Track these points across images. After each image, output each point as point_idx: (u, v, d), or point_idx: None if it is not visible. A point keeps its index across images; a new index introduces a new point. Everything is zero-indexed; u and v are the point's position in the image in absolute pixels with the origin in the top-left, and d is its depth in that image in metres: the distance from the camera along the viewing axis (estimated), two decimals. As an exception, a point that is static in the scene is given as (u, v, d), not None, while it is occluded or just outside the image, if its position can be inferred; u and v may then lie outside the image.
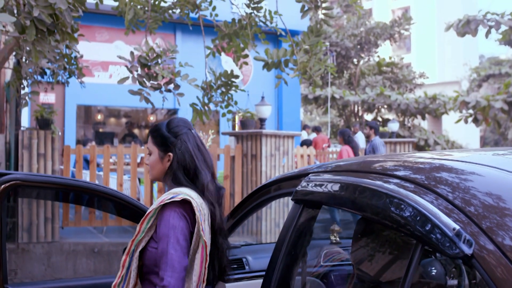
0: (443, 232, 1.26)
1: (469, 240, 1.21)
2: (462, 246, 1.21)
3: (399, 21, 25.31)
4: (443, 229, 1.26)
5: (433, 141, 22.41)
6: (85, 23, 10.67)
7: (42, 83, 6.95)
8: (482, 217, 1.24)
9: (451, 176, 1.49)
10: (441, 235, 1.26)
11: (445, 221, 1.27)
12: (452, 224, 1.26)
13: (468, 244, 1.20)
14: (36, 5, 3.30)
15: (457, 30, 17.94)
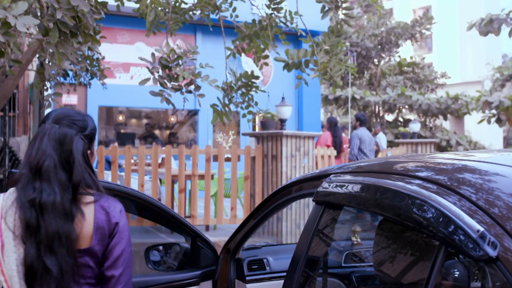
0: (467, 233, 1.25)
1: (493, 242, 1.19)
2: (486, 248, 1.19)
3: (420, 21, 25.12)
4: (467, 231, 1.25)
5: (455, 142, 22.18)
6: (107, 25, 10.77)
7: (64, 84, 7.04)
8: (507, 218, 1.22)
9: (475, 177, 1.47)
10: (464, 236, 1.25)
11: (469, 223, 1.26)
12: (476, 226, 1.24)
13: (493, 246, 1.19)
14: (59, 8, 3.34)
15: (479, 29, 17.72)
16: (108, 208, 1.95)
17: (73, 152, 1.94)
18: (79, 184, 1.92)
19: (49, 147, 1.93)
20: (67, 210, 1.87)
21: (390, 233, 1.83)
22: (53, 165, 1.90)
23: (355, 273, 2.75)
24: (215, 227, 8.50)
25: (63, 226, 1.85)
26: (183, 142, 15.50)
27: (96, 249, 1.91)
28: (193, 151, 7.81)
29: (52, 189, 1.88)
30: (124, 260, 1.94)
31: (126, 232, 1.98)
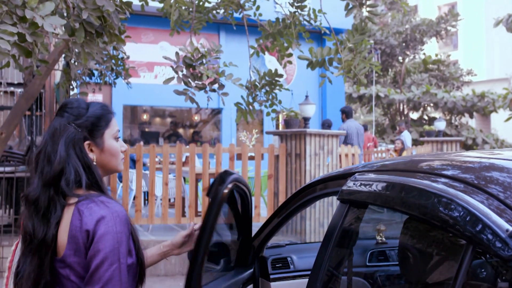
0: (495, 233, 1.23)
1: (522, 241, 1.18)
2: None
3: (445, 18, 24.82)
4: (495, 230, 1.23)
5: (482, 140, 21.88)
6: (131, 25, 10.86)
7: (90, 84, 7.11)
8: (536, 217, 1.20)
9: (502, 175, 1.45)
10: (493, 236, 1.23)
11: (497, 222, 1.24)
12: (505, 225, 1.22)
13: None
14: (85, 8, 3.38)
15: (506, 26, 17.44)
16: (83, 212, 1.65)
17: (57, 141, 1.72)
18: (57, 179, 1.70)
19: (43, 139, 1.75)
20: (42, 210, 1.69)
21: (415, 232, 1.82)
22: (41, 158, 1.73)
23: (379, 272, 2.73)
24: (239, 226, 8.52)
25: (36, 227, 1.68)
26: (206, 140, 15.56)
27: (70, 260, 1.65)
28: (217, 150, 7.84)
29: (33, 183, 1.72)
30: (101, 277, 1.60)
31: (106, 243, 1.62)
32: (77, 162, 1.72)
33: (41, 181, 1.70)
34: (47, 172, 1.70)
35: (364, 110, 29.18)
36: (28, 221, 1.69)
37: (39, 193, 1.69)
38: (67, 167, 1.69)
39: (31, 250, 1.68)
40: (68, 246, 1.64)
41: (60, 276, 1.67)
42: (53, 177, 1.69)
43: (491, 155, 1.74)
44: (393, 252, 2.81)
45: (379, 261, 2.79)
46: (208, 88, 5.12)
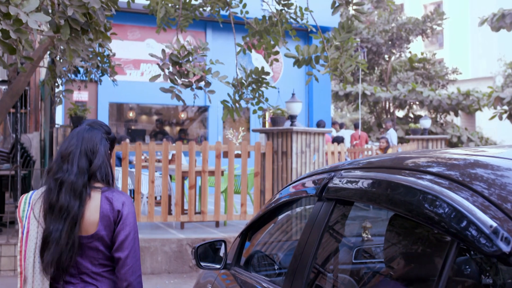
0: (479, 229, 1.24)
1: (507, 237, 1.18)
2: (499, 244, 1.18)
3: (431, 16, 24.97)
4: (479, 226, 1.24)
5: (467, 138, 22.06)
6: (117, 22, 10.81)
7: (75, 81, 7.07)
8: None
9: (487, 172, 1.46)
10: (477, 232, 1.24)
11: (482, 218, 1.25)
12: (489, 221, 1.23)
13: (506, 241, 1.18)
14: (70, 5, 3.35)
15: (491, 25, 17.58)
16: (112, 199, 2.30)
17: (97, 145, 2.37)
18: (95, 171, 2.33)
19: (78, 140, 2.36)
20: (78, 190, 2.26)
21: (401, 229, 1.83)
22: (78, 152, 2.32)
23: (366, 270, 2.74)
24: (225, 223, 8.52)
25: (71, 202, 2.25)
26: (193, 138, 15.53)
27: (102, 233, 2.27)
28: (203, 148, 7.82)
29: (71, 171, 2.29)
30: (129, 244, 2.27)
31: (130, 220, 2.30)
32: (106, 161, 2.38)
33: (77, 168, 2.29)
34: (86, 166, 2.31)
35: (351, 108, 29.29)
36: (64, 196, 2.25)
37: (75, 177, 2.27)
38: (102, 165, 2.35)
39: (63, 221, 2.23)
40: (100, 223, 2.26)
41: (85, 249, 2.27)
42: (92, 170, 2.32)
43: (476, 152, 1.75)
44: (379, 249, 2.82)
45: (365, 258, 2.80)
46: (195, 86, 5.11)
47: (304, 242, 2.09)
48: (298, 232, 2.67)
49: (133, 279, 2.28)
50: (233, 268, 2.85)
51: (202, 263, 2.83)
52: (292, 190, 2.57)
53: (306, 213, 2.67)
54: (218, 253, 2.88)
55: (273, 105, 6.98)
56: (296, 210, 2.94)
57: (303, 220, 2.64)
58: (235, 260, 2.89)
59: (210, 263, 2.87)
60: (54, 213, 2.25)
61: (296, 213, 2.97)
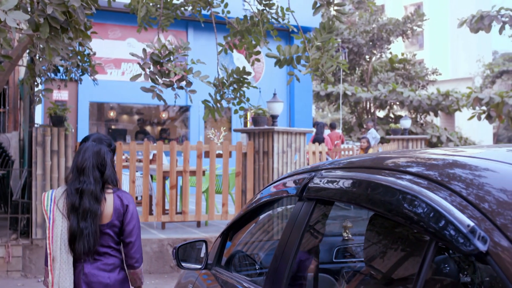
0: (457, 228, 1.25)
1: (484, 236, 1.20)
2: (476, 243, 1.20)
3: (411, 18, 25.19)
4: (457, 226, 1.25)
5: (446, 138, 22.29)
6: (98, 20, 10.72)
7: (55, 80, 7.00)
8: (497, 213, 1.23)
9: (465, 172, 1.48)
10: (455, 231, 1.26)
11: (460, 218, 1.27)
12: (466, 221, 1.25)
13: (483, 241, 1.19)
14: (50, 3, 3.32)
15: (470, 26, 17.77)
16: (121, 197, 3.18)
17: (105, 159, 3.17)
18: (107, 180, 3.16)
19: (89, 155, 3.14)
20: (97, 195, 3.08)
21: (381, 228, 1.84)
22: (91, 166, 3.12)
23: (346, 269, 2.76)
24: (207, 223, 8.50)
25: (93, 205, 3.06)
26: (174, 138, 15.47)
27: (115, 222, 3.15)
28: (184, 147, 7.80)
29: (90, 181, 3.09)
30: (135, 232, 3.19)
31: (135, 213, 3.20)
32: (112, 170, 3.22)
33: (95, 179, 3.10)
34: (99, 176, 3.12)
35: (332, 108, 29.41)
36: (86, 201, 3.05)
37: (94, 187, 3.08)
38: (111, 174, 3.19)
39: (90, 220, 3.06)
40: (113, 215, 3.13)
41: (103, 234, 3.12)
42: (106, 179, 3.15)
43: (455, 152, 1.77)
44: (359, 248, 2.84)
45: (346, 257, 2.81)
46: (176, 85, 5.09)
47: (285, 242, 2.10)
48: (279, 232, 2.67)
49: (138, 256, 3.22)
50: (214, 268, 2.85)
51: (183, 264, 2.82)
52: (273, 190, 2.58)
53: (287, 213, 2.68)
54: (199, 253, 2.87)
55: (255, 105, 6.98)
56: (277, 210, 2.94)
57: (284, 220, 2.65)
58: (216, 260, 2.89)
59: (191, 263, 2.86)
60: (79, 214, 3.06)
61: (277, 213, 2.98)
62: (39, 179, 6.96)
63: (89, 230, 3.05)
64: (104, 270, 3.15)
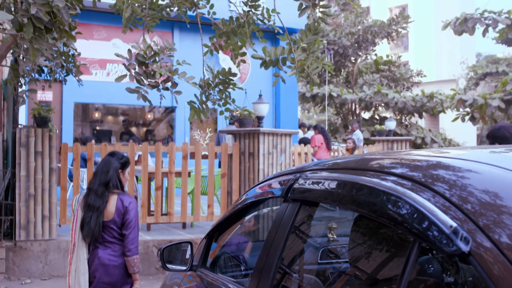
0: (440, 229, 1.26)
1: (466, 237, 1.21)
2: (459, 244, 1.21)
3: (396, 20, 25.34)
4: (440, 227, 1.27)
5: (430, 139, 22.45)
6: (83, 21, 10.66)
7: (39, 81, 6.94)
8: (479, 214, 1.24)
9: (448, 173, 1.49)
10: (438, 232, 1.27)
11: (442, 219, 1.28)
12: (449, 222, 1.26)
13: (465, 241, 1.21)
14: (34, 3, 3.29)
15: (454, 29, 17.93)
16: (123, 199, 4.16)
17: (110, 167, 4.21)
18: (109, 183, 4.16)
19: (101, 165, 4.26)
20: (102, 195, 4.12)
21: (366, 229, 1.85)
22: (100, 173, 4.20)
23: (331, 270, 2.77)
24: (192, 225, 8.48)
25: (96, 201, 4.10)
26: (160, 139, 15.42)
27: (116, 219, 4.13)
28: (170, 149, 7.78)
29: (96, 183, 4.16)
30: (130, 226, 4.12)
31: (133, 212, 4.15)
32: (116, 177, 4.20)
33: (100, 182, 4.14)
34: (104, 179, 4.14)
35: (317, 110, 29.50)
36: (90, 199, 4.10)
37: (98, 188, 4.12)
38: (112, 179, 4.17)
39: (93, 212, 4.07)
40: (115, 213, 4.11)
41: (106, 228, 4.11)
42: (106, 182, 4.15)
43: (438, 153, 1.78)
44: (344, 249, 2.85)
45: (331, 258, 2.82)
46: (161, 86, 5.07)
47: (270, 243, 2.10)
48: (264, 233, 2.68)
49: (132, 247, 4.10)
50: (200, 270, 2.84)
51: (168, 265, 2.82)
52: (259, 191, 2.58)
53: (272, 214, 2.68)
54: (184, 254, 2.87)
55: (240, 106, 6.98)
56: (262, 211, 2.95)
57: (269, 221, 2.65)
58: (202, 261, 2.88)
59: (177, 265, 2.85)
60: (88, 208, 4.10)
61: (262, 214, 2.98)
62: (22, 181, 6.90)
63: (91, 219, 4.05)
64: (113, 255, 4.14)
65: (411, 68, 28.60)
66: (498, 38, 20.19)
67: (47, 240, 7.04)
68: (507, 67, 30.22)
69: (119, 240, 4.14)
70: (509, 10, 17.61)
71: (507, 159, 1.61)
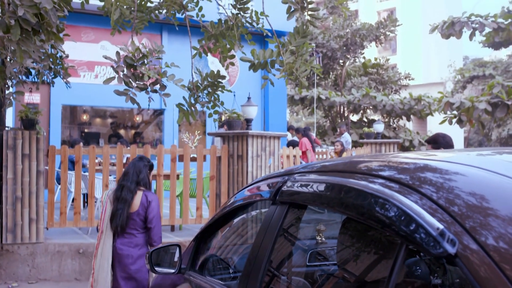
0: (427, 231, 1.27)
1: (452, 239, 1.22)
2: (445, 246, 1.22)
3: (384, 23, 25.46)
4: (427, 229, 1.28)
5: (418, 142, 22.57)
6: (71, 23, 10.60)
7: (27, 83, 6.90)
8: (466, 216, 1.25)
9: (435, 176, 1.50)
10: (425, 234, 1.28)
11: (429, 221, 1.29)
12: (436, 224, 1.27)
13: (452, 243, 1.22)
14: (21, 5, 3.28)
15: (441, 32, 18.05)
16: (147, 195, 4.88)
17: (141, 169, 4.95)
18: (140, 182, 4.90)
19: (131, 166, 4.97)
20: (131, 190, 4.82)
21: (354, 231, 1.85)
22: (132, 172, 4.91)
23: (319, 272, 2.77)
24: (181, 227, 8.46)
25: (127, 195, 4.78)
26: (148, 141, 15.37)
27: (140, 212, 4.81)
28: (158, 151, 7.76)
29: (129, 181, 4.86)
30: (155, 220, 4.83)
31: (156, 208, 4.86)
32: (145, 177, 4.97)
33: (131, 181, 4.86)
34: (136, 179, 4.88)
35: (306, 112, 29.56)
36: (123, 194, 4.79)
37: (131, 185, 4.84)
38: (144, 179, 4.95)
39: (124, 204, 4.76)
40: (140, 206, 4.82)
41: (132, 219, 4.80)
42: (138, 181, 4.90)
43: (426, 156, 1.79)
44: (332, 251, 2.85)
45: (319, 260, 2.83)
46: (150, 89, 5.06)
47: (258, 246, 2.10)
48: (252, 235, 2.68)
49: (156, 238, 4.85)
50: (188, 273, 2.84)
51: (156, 268, 2.81)
52: (247, 194, 2.58)
53: (260, 216, 2.68)
54: (173, 257, 2.86)
55: (229, 109, 6.97)
56: (251, 213, 2.95)
57: (258, 224, 2.65)
58: (190, 264, 2.88)
59: (165, 267, 2.85)
60: (119, 201, 4.77)
61: (251, 217, 2.98)
62: (9, 183, 6.85)
63: (121, 211, 4.73)
64: (129, 246, 4.78)
65: (399, 71, 28.77)
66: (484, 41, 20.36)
67: (34, 243, 6.99)
68: (494, 70, 30.50)
69: (138, 232, 4.82)
70: (495, 14, 17.76)
71: (493, 162, 1.62)
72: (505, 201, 1.26)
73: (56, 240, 7.23)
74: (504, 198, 1.28)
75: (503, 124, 30.24)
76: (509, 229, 1.17)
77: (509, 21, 17.40)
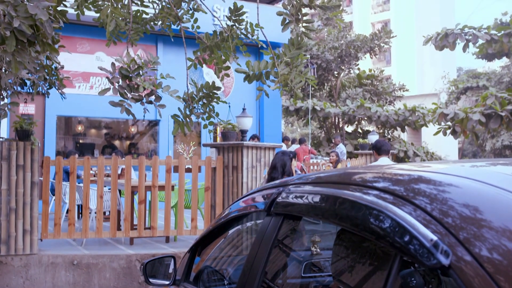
0: (421, 243, 1.28)
1: (446, 251, 1.23)
2: (439, 257, 1.22)
3: (379, 35, 25.61)
4: (421, 240, 1.28)
5: (413, 153, 22.62)
6: (66, 34, 10.63)
7: (22, 94, 6.90)
8: (460, 228, 1.26)
9: (429, 187, 1.51)
10: (419, 246, 1.28)
11: (423, 232, 1.29)
12: (430, 235, 1.28)
13: (445, 255, 1.22)
14: (17, 16, 3.28)
15: (435, 44, 18.17)
16: None
17: (286, 162, 6.68)
18: (285, 173, 6.55)
19: (277, 159, 6.77)
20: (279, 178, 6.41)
21: (348, 243, 1.86)
22: (280, 165, 6.65)
23: (314, 283, 2.77)
24: (176, 239, 8.44)
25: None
26: (143, 152, 15.35)
27: None
28: (153, 162, 7.75)
29: (277, 173, 6.57)
30: None
31: None
32: (290, 169, 6.74)
33: (280, 172, 6.60)
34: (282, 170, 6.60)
35: (301, 123, 29.61)
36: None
37: (279, 175, 6.53)
38: (289, 170, 6.70)
39: None
40: None
41: None
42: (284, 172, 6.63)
43: (420, 167, 1.80)
44: (327, 263, 2.85)
45: (314, 272, 2.83)
46: (145, 100, 5.07)
47: (253, 257, 2.10)
48: (247, 247, 2.68)
49: None
50: (183, 284, 2.83)
51: (151, 280, 2.80)
52: (242, 205, 2.58)
53: (255, 227, 2.68)
54: (167, 269, 2.85)
55: (224, 120, 6.99)
56: (245, 225, 2.95)
57: (253, 235, 2.65)
58: (185, 276, 2.87)
59: (160, 279, 2.84)
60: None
61: (245, 228, 2.98)
62: (3, 194, 6.83)
63: None
64: None
65: (393, 82, 28.89)
66: (478, 53, 20.50)
67: (28, 254, 6.96)
68: (487, 82, 30.67)
69: None
70: (488, 25, 17.90)
71: (487, 174, 1.63)
72: (499, 212, 1.27)
73: (50, 252, 7.19)
74: (498, 210, 1.28)
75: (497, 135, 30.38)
76: (502, 241, 1.17)
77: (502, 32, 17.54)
